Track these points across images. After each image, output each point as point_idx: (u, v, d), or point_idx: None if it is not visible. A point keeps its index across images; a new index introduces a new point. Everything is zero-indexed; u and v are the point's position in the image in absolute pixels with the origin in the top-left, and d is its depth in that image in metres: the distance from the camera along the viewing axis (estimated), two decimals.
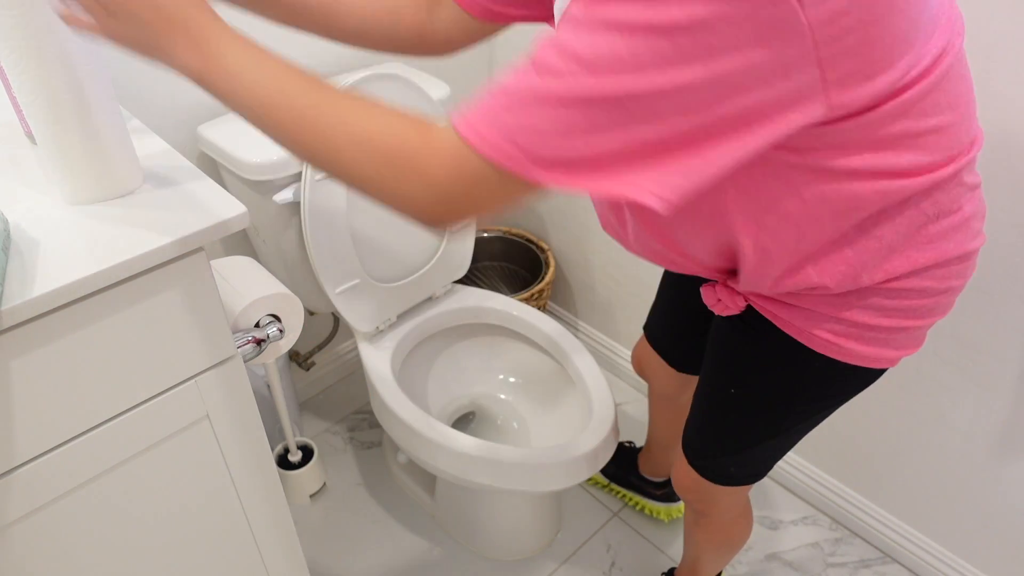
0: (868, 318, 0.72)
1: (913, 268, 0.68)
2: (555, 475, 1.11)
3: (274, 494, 0.88)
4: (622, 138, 0.49)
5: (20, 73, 0.59)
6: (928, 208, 0.65)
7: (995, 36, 0.91)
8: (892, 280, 0.69)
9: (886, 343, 0.74)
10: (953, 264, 0.70)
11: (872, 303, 0.71)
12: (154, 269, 0.64)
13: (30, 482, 0.65)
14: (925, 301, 0.71)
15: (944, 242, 0.68)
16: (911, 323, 0.73)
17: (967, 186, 0.67)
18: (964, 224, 0.68)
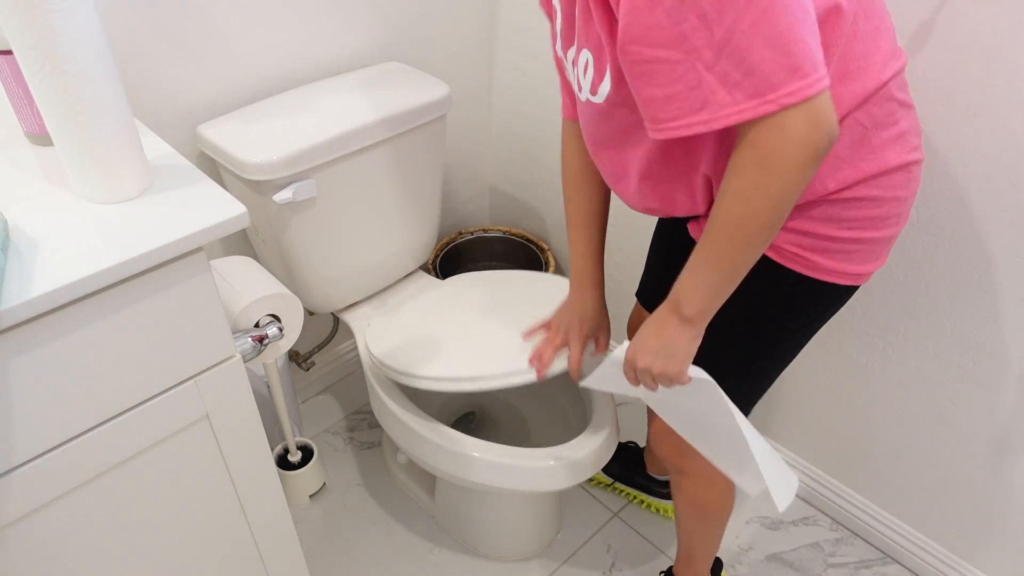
0: (829, 229, 0.79)
1: (861, 177, 0.77)
2: (555, 475, 1.11)
3: (274, 494, 0.88)
4: None
5: (38, 72, 0.60)
6: (863, 118, 0.74)
7: (995, 36, 0.91)
8: (844, 189, 0.77)
9: (849, 256, 0.81)
10: (895, 174, 0.78)
11: (830, 214, 0.79)
12: (154, 269, 0.64)
13: (30, 482, 0.65)
14: (876, 211, 0.79)
15: (885, 152, 0.77)
16: (867, 234, 0.80)
17: (899, 101, 0.76)
18: (901, 137, 0.77)
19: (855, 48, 0.72)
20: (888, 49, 0.75)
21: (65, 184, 0.70)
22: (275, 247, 1.22)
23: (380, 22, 1.35)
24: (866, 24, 0.72)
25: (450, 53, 1.51)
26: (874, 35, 0.73)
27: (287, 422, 1.36)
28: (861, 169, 0.77)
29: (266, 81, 1.25)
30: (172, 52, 1.12)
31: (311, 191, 1.14)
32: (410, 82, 1.28)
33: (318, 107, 1.19)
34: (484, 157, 1.76)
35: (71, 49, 0.59)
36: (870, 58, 0.73)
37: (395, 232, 1.35)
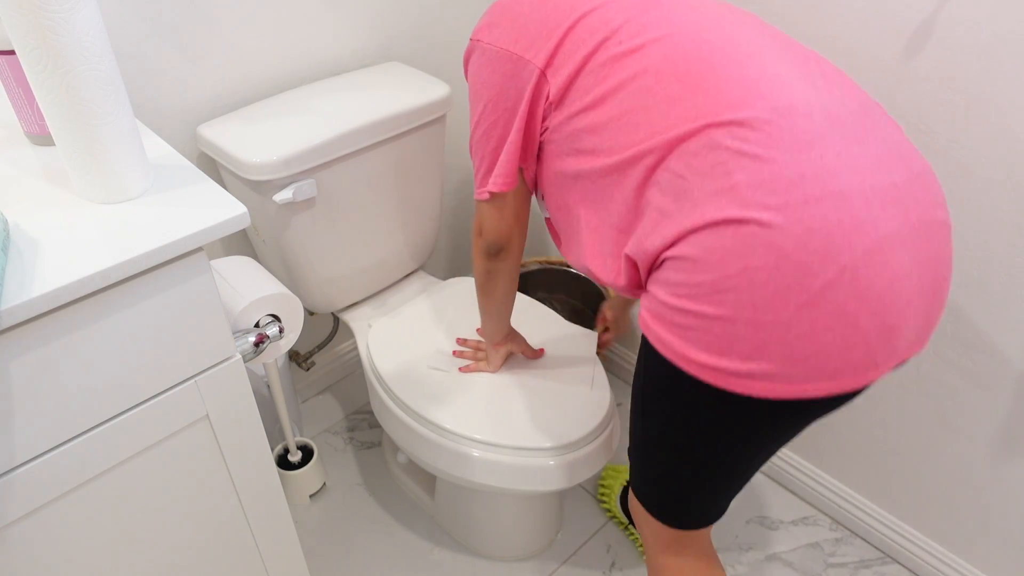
0: (662, 292, 0.72)
1: (679, 231, 0.69)
2: (555, 475, 1.11)
3: (274, 494, 0.88)
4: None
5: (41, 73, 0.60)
6: (681, 171, 0.70)
7: (995, 36, 0.91)
8: (668, 247, 0.71)
9: (680, 331, 0.70)
10: (718, 231, 0.66)
11: (662, 276, 0.72)
12: (154, 269, 0.64)
13: (30, 482, 0.65)
14: (701, 276, 0.67)
15: (707, 206, 0.67)
16: (697, 306, 0.68)
17: (731, 151, 0.67)
18: (731, 190, 0.66)
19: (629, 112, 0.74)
20: (703, 105, 0.69)
21: (66, 184, 0.70)
22: (275, 247, 1.22)
23: (380, 22, 1.35)
24: (654, 90, 0.72)
25: (450, 53, 1.51)
26: (669, 101, 0.71)
27: (287, 422, 1.36)
28: (680, 223, 0.69)
29: (266, 81, 1.25)
30: (173, 52, 1.12)
31: (311, 191, 1.14)
32: (410, 82, 1.28)
33: (318, 107, 1.19)
34: None
35: (74, 50, 0.59)
36: (660, 118, 0.71)
37: (395, 232, 1.35)
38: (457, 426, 1.11)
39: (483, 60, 0.86)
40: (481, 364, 1.22)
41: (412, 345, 1.26)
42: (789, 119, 0.67)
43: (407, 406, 1.16)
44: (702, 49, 0.73)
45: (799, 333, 0.65)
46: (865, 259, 0.64)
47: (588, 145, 0.79)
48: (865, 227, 0.64)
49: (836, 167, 0.65)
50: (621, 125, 0.75)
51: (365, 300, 1.41)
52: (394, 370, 1.21)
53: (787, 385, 0.68)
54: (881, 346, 0.67)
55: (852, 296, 0.64)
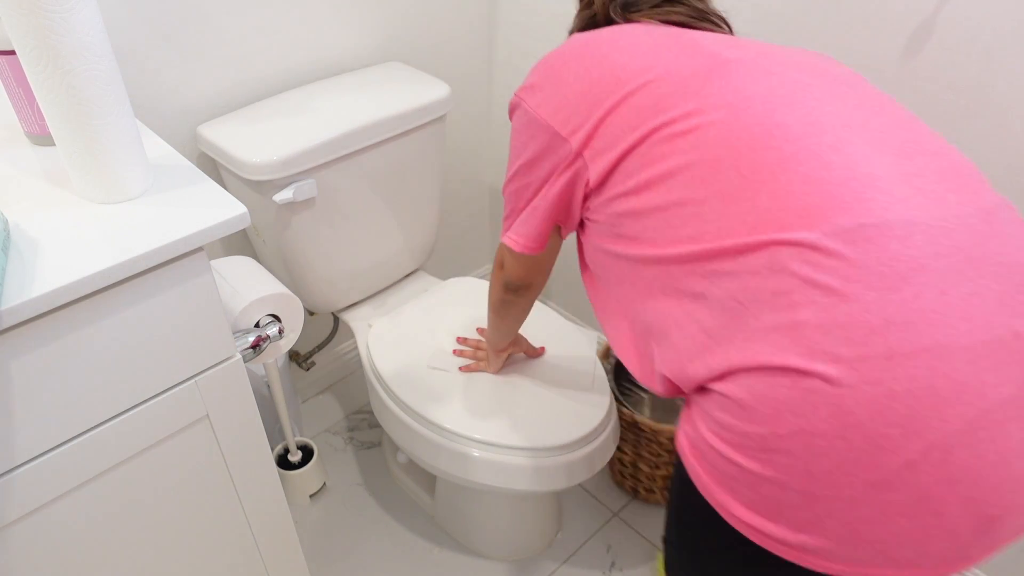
0: (705, 428, 0.61)
1: (729, 366, 0.58)
2: (555, 475, 1.11)
3: (274, 494, 0.88)
4: None
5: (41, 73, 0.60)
6: (735, 291, 0.57)
7: (995, 36, 0.91)
8: (714, 380, 0.59)
9: (722, 478, 0.60)
10: (772, 379, 0.54)
11: (706, 406, 0.61)
12: (154, 269, 0.64)
13: (30, 482, 0.65)
14: (751, 427, 0.56)
15: (761, 343, 0.55)
16: (739, 458, 0.58)
17: (800, 277, 0.54)
18: (794, 330, 0.54)
19: (676, 219, 0.63)
20: (794, 211, 0.56)
21: (66, 184, 0.70)
22: (275, 247, 1.22)
23: (380, 22, 1.35)
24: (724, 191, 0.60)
25: (450, 53, 1.51)
26: (725, 198, 0.59)
27: (287, 422, 1.36)
28: (730, 357, 0.58)
29: (267, 81, 1.25)
30: (173, 52, 1.12)
31: (311, 191, 1.14)
32: (410, 82, 1.28)
33: (318, 107, 1.19)
34: (484, 157, 1.76)
35: (74, 50, 0.59)
36: (714, 218, 0.60)
37: (395, 232, 1.35)
38: (457, 426, 1.11)
39: (523, 122, 0.79)
40: (482, 364, 1.22)
41: (412, 345, 1.26)
42: (880, 242, 0.53)
43: (407, 406, 1.16)
44: (773, 135, 0.59)
45: (866, 516, 0.53)
46: (963, 436, 0.51)
47: (629, 231, 0.68)
48: (966, 394, 0.50)
49: (936, 311, 0.51)
50: (667, 217, 0.63)
51: (365, 300, 1.41)
52: (394, 370, 1.21)
53: (845, 566, 0.56)
54: (974, 539, 0.53)
55: (940, 480, 0.51)
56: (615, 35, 0.75)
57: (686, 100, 0.64)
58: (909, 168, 0.57)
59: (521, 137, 0.80)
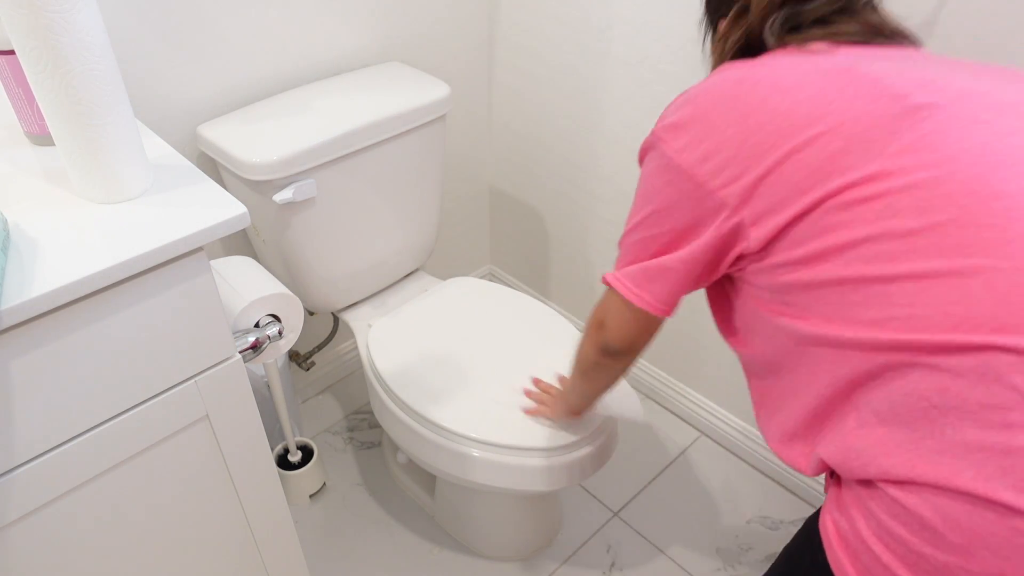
0: (866, 528, 0.55)
1: (910, 476, 0.51)
2: (554, 475, 1.11)
3: (274, 494, 0.88)
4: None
5: (41, 73, 0.60)
6: (930, 393, 0.50)
7: (995, 36, 0.91)
8: (888, 483, 0.53)
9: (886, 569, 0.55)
10: (976, 506, 0.48)
11: (870, 506, 0.55)
12: (154, 269, 0.64)
13: (30, 482, 0.65)
14: (930, 551, 0.50)
15: (963, 461, 0.48)
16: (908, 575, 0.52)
17: (1020, 392, 0.46)
18: (1007, 455, 0.46)
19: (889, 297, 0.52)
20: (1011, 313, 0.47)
21: (66, 184, 0.70)
22: (275, 247, 1.22)
23: (380, 22, 1.35)
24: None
25: (450, 53, 1.51)
26: (923, 281, 0.51)
27: (287, 422, 1.36)
28: (915, 466, 0.51)
29: (266, 81, 1.25)
30: (173, 52, 1.12)
31: (311, 191, 1.14)
32: (410, 82, 1.28)
33: (318, 107, 1.19)
34: (484, 157, 1.76)
35: (74, 50, 0.59)
36: (906, 303, 0.51)
37: (395, 232, 1.35)
38: (457, 426, 1.11)
39: (660, 164, 0.68)
40: (544, 410, 1.11)
41: (412, 345, 1.26)
42: None
43: (407, 406, 1.16)
44: (991, 208, 0.48)
45: None
46: None
47: (796, 301, 0.60)
48: None
49: None
50: (844, 292, 0.55)
51: (365, 300, 1.41)
52: (394, 370, 1.21)
53: None
54: None
55: None
56: (777, 72, 0.62)
57: (868, 159, 0.54)
58: None
59: (654, 182, 0.69)
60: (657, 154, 0.69)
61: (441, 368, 1.21)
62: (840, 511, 0.58)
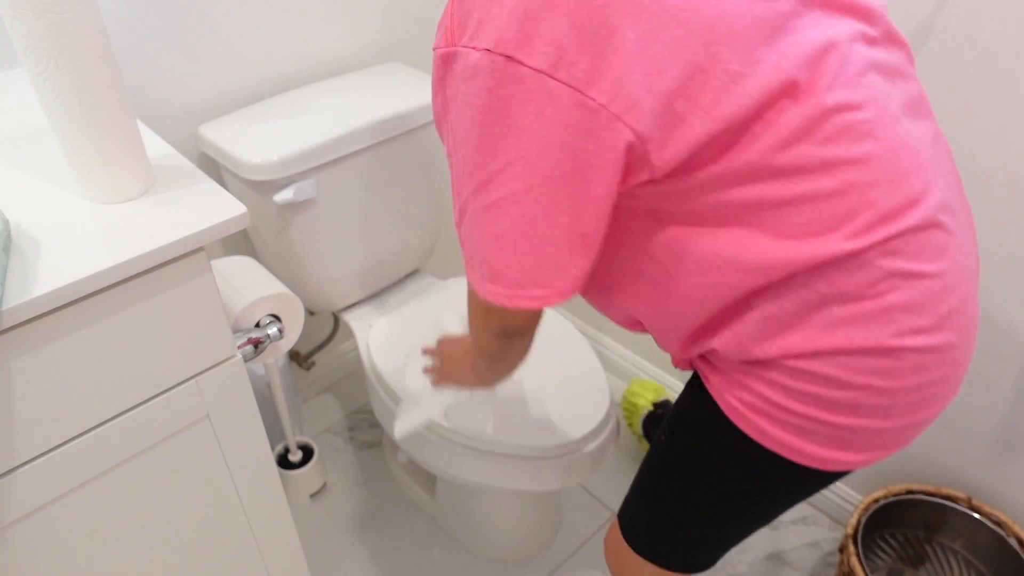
0: (774, 394, 0.66)
1: (813, 349, 0.62)
2: (555, 475, 1.11)
3: (274, 494, 0.88)
4: None
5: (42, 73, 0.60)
6: (820, 285, 0.60)
7: (995, 36, 0.91)
8: (790, 358, 0.63)
9: (802, 432, 0.67)
10: (868, 357, 0.62)
11: (774, 379, 0.65)
12: (154, 269, 0.64)
13: (30, 482, 0.65)
14: (837, 393, 0.63)
15: (852, 328, 0.61)
16: (829, 416, 0.65)
17: (888, 271, 0.59)
18: (883, 314, 0.60)
19: (792, 215, 0.59)
20: (882, 210, 0.59)
21: (66, 184, 0.70)
22: (275, 247, 1.22)
23: (380, 22, 1.35)
24: (825, 185, 0.58)
25: None
26: (840, 197, 0.58)
27: (287, 422, 1.36)
28: (813, 341, 0.62)
29: (267, 81, 1.25)
30: (173, 53, 1.12)
31: (311, 191, 1.14)
32: (410, 82, 1.28)
33: (319, 107, 1.19)
34: None
35: (75, 51, 0.59)
36: (827, 227, 0.59)
37: (395, 232, 1.35)
38: (457, 426, 1.11)
39: (513, 92, 0.55)
40: (448, 380, 1.00)
41: (412, 345, 1.26)
42: (936, 229, 0.61)
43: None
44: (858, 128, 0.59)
45: (923, 427, 0.68)
46: (966, 356, 0.67)
47: (695, 216, 0.62)
48: (974, 334, 0.67)
49: (963, 269, 0.64)
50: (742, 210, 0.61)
51: (365, 300, 1.41)
52: (394, 370, 1.21)
53: (868, 458, 0.69)
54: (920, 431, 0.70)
55: (954, 390, 0.68)
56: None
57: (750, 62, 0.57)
58: (936, 154, 0.65)
59: (509, 114, 0.58)
60: (504, 73, 0.54)
61: None
62: (740, 388, 0.68)
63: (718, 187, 0.59)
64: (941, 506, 1.21)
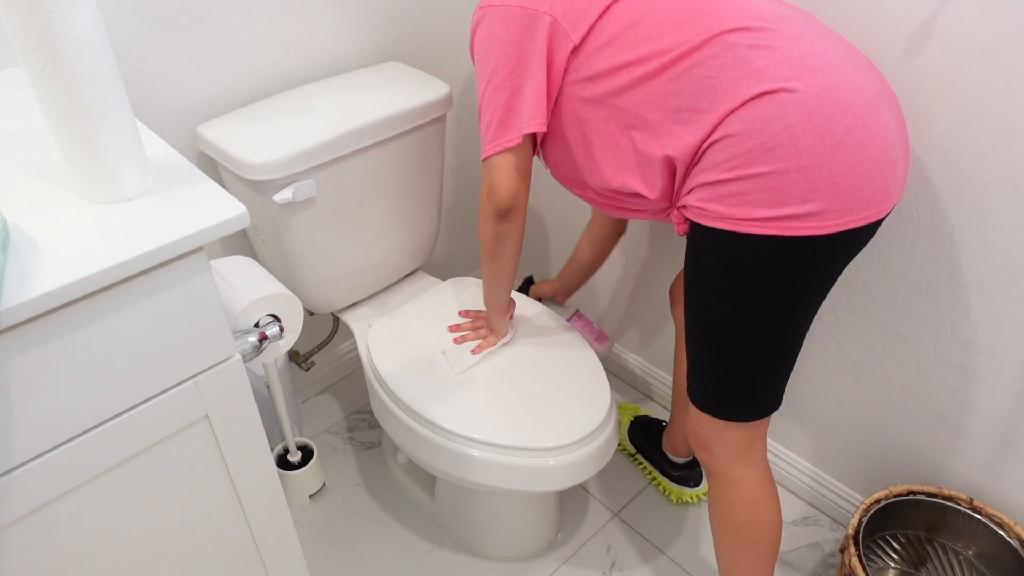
0: (713, 174, 0.84)
1: (718, 117, 0.82)
2: (555, 475, 1.11)
3: (274, 494, 0.88)
4: None
5: (40, 73, 0.60)
6: (704, 72, 0.83)
7: (995, 36, 0.91)
8: (708, 135, 0.83)
9: (742, 199, 0.83)
10: (756, 102, 0.80)
11: (707, 163, 0.84)
12: (154, 269, 0.64)
13: (29, 482, 0.65)
14: (749, 143, 0.81)
15: (739, 88, 0.81)
16: (752, 169, 0.81)
17: (745, 46, 0.82)
18: (755, 73, 0.81)
19: (640, 32, 0.87)
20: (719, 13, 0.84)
21: (65, 184, 0.70)
22: (275, 247, 1.22)
23: (380, 22, 1.35)
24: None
25: (450, 53, 1.51)
26: (676, 26, 0.85)
27: (287, 422, 1.36)
28: (717, 111, 0.82)
29: (266, 81, 1.25)
30: (172, 52, 1.12)
31: (311, 191, 1.14)
32: (410, 82, 1.28)
33: (318, 107, 1.19)
34: None
35: (73, 50, 0.59)
36: (672, 40, 0.85)
37: (395, 232, 1.35)
38: (457, 426, 1.11)
39: (495, 21, 0.94)
40: (489, 338, 1.24)
41: (412, 345, 1.26)
42: (779, 22, 0.84)
43: (407, 406, 1.16)
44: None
45: (838, 170, 0.80)
46: (866, 110, 0.81)
47: (605, 68, 0.89)
48: (858, 88, 0.81)
49: (823, 51, 0.82)
50: (636, 44, 0.87)
51: (365, 300, 1.41)
52: (394, 370, 1.21)
53: (837, 219, 0.81)
54: (891, 176, 0.83)
55: (867, 136, 0.80)
56: None
57: None
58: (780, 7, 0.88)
59: (493, 34, 0.94)
60: (489, 18, 0.95)
61: (441, 368, 1.21)
62: (694, 196, 0.87)
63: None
64: (942, 507, 1.20)
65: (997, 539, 1.16)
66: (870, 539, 1.25)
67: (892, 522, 1.24)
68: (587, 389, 1.18)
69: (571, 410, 1.14)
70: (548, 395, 1.17)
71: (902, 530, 1.26)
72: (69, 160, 0.65)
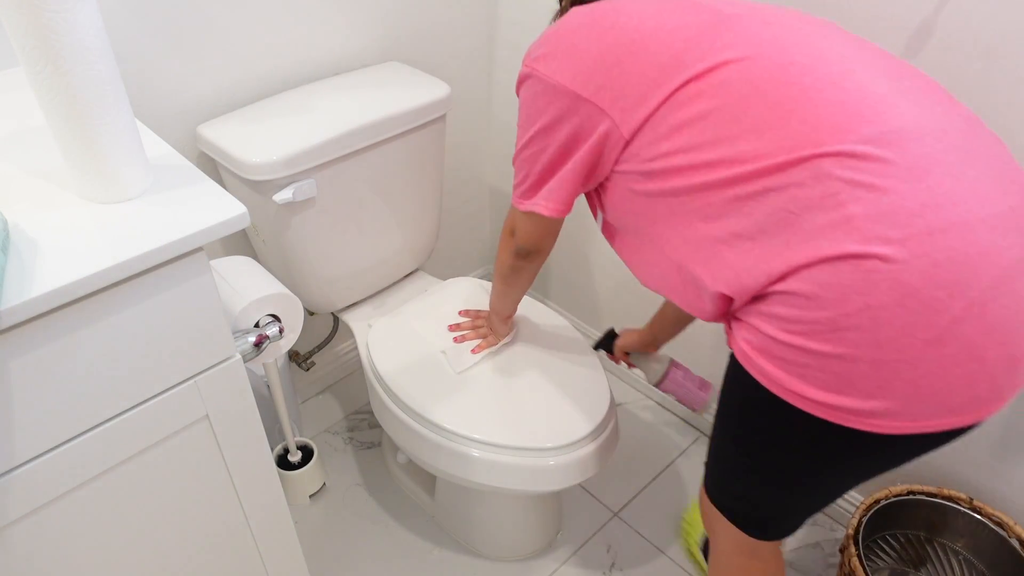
0: (770, 327, 0.69)
1: (789, 266, 0.66)
2: (555, 475, 1.11)
3: (274, 494, 0.88)
4: None
5: (40, 73, 0.60)
6: (783, 201, 0.66)
7: (995, 36, 0.91)
8: (776, 282, 0.68)
9: (792, 368, 0.68)
10: (837, 265, 0.63)
11: (770, 310, 0.69)
12: (154, 269, 0.64)
13: (30, 482, 0.65)
14: (818, 313, 0.65)
15: (820, 240, 0.64)
16: (814, 344, 0.66)
17: (843, 180, 0.63)
18: (846, 223, 0.63)
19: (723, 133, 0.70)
20: (817, 126, 0.66)
21: (66, 184, 0.70)
22: (275, 247, 1.22)
23: (380, 22, 1.35)
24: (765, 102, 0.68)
25: (450, 53, 1.51)
26: (757, 130, 0.68)
27: (287, 422, 1.36)
28: (788, 258, 0.66)
29: (266, 81, 1.25)
30: (173, 52, 1.12)
31: (311, 191, 1.14)
32: (410, 82, 1.28)
33: (318, 107, 1.19)
34: (484, 157, 1.76)
35: (73, 50, 0.59)
36: (749, 148, 0.68)
37: (395, 232, 1.35)
38: (457, 426, 1.11)
39: (538, 90, 0.84)
40: (489, 338, 1.24)
41: (412, 345, 1.26)
42: (900, 145, 0.63)
43: (407, 406, 1.16)
44: (790, 71, 0.68)
45: (926, 371, 0.63)
46: (992, 291, 0.61)
47: (661, 167, 0.75)
48: (991, 257, 0.62)
49: (955, 193, 0.62)
50: (701, 146, 0.71)
51: (365, 300, 1.41)
52: (394, 370, 1.21)
53: (909, 422, 0.66)
54: (1007, 378, 0.65)
55: (981, 331, 0.62)
56: (617, 4, 0.81)
57: (703, 54, 0.72)
58: (902, 87, 0.68)
59: (537, 104, 0.84)
60: (534, 82, 0.84)
61: (441, 368, 1.21)
62: (746, 330, 0.73)
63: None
64: (942, 507, 1.20)
65: (997, 539, 1.16)
66: (870, 539, 1.25)
67: (892, 522, 1.24)
68: (587, 389, 1.18)
69: (571, 410, 1.14)
70: (548, 395, 1.17)
71: (902, 530, 1.26)
72: (69, 160, 0.65)
